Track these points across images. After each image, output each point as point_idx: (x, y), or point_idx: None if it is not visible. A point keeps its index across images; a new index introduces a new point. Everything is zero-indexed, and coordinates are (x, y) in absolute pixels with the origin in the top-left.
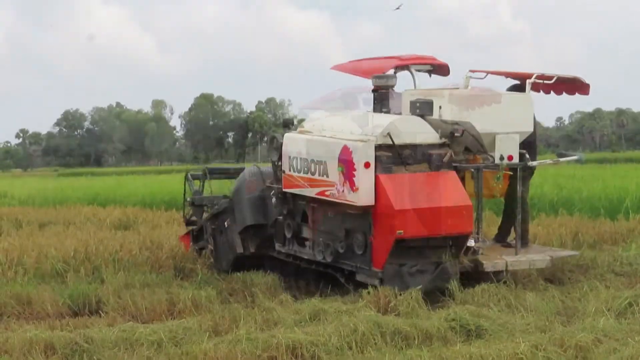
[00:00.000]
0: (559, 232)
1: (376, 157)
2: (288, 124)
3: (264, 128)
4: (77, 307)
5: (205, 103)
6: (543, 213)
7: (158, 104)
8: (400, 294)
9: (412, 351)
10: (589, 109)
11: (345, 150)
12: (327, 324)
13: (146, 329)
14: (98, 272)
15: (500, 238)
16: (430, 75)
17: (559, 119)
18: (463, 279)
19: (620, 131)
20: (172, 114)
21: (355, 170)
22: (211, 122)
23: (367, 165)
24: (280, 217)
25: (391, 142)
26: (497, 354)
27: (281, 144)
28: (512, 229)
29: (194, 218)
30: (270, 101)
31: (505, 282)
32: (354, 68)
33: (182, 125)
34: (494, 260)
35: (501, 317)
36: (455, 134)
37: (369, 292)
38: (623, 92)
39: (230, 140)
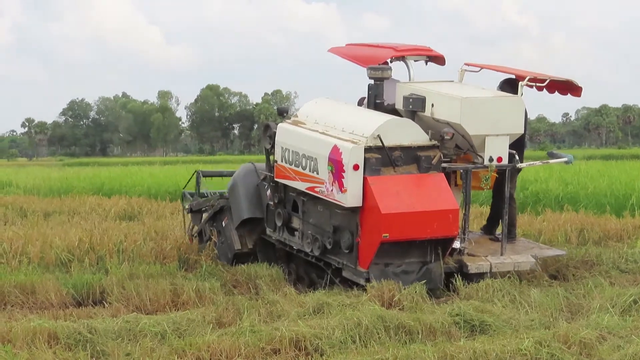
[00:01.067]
0: (564, 229)
1: (365, 159)
2: (282, 113)
3: (269, 120)
4: (81, 297)
5: (211, 94)
6: (549, 209)
7: (164, 95)
8: (405, 288)
9: (415, 346)
10: (596, 105)
11: (336, 150)
12: (331, 318)
13: (150, 320)
14: (102, 263)
15: (489, 230)
16: (426, 64)
17: (565, 114)
18: (448, 279)
19: (626, 128)
20: (178, 104)
21: (344, 171)
22: (217, 114)
23: (356, 167)
24: (271, 203)
25: (381, 144)
26: (501, 350)
27: (274, 133)
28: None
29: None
30: (276, 93)
31: (509, 278)
32: (351, 55)
33: (188, 117)
34: (478, 262)
35: (505, 313)
36: (445, 137)
37: (373, 286)
38: (629, 88)
39: (235, 132)
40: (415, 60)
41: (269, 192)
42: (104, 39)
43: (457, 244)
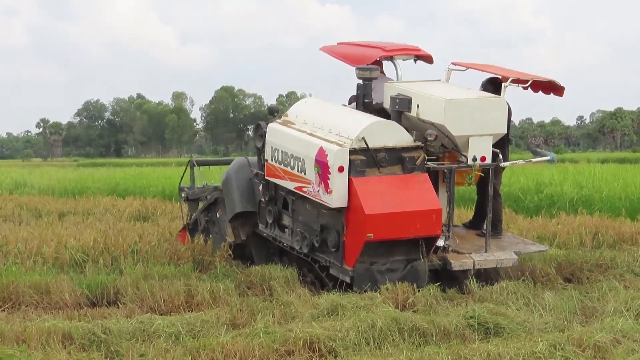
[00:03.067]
0: (579, 232)
1: (350, 161)
2: (273, 112)
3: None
4: (95, 297)
5: (226, 96)
6: (563, 212)
7: (179, 96)
8: (419, 290)
9: (429, 348)
10: (611, 108)
11: (322, 152)
12: (345, 319)
13: (164, 321)
14: (116, 263)
15: (475, 225)
16: (415, 62)
17: (580, 117)
18: (432, 277)
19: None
20: (192, 106)
21: (329, 173)
22: (231, 115)
23: (341, 169)
24: (263, 200)
25: (366, 146)
26: (515, 353)
27: (265, 132)
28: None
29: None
30: (291, 95)
31: (524, 280)
32: (341, 54)
33: (203, 118)
34: (462, 259)
35: (519, 316)
36: (428, 139)
37: (387, 288)
38: None
39: (250, 133)
40: (403, 60)
41: (261, 188)
42: (119, 39)
43: (441, 242)
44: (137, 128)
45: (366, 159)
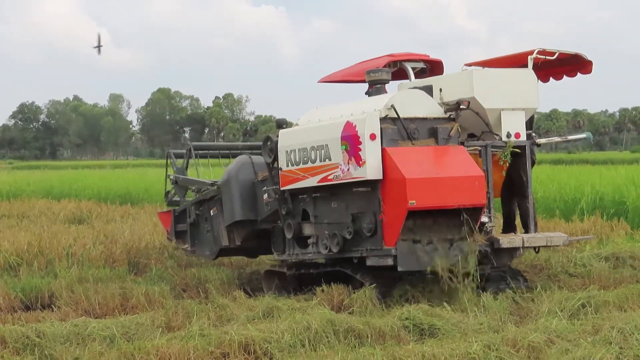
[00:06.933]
0: None
1: (382, 129)
2: (281, 125)
3: (221, 123)
4: (30, 301)
5: (163, 98)
6: (499, 213)
7: (115, 98)
8: (354, 292)
9: (365, 349)
10: (546, 109)
11: (349, 126)
12: (281, 321)
13: (99, 324)
14: (51, 266)
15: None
16: (424, 71)
17: None
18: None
19: (576, 132)
20: (129, 108)
21: (360, 143)
22: (168, 117)
23: (372, 136)
24: (278, 223)
25: (396, 115)
26: (450, 354)
27: (276, 143)
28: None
29: (176, 198)
30: (227, 97)
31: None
32: (344, 75)
33: (139, 120)
34: (510, 236)
35: (454, 317)
36: (462, 106)
37: (322, 290)
38: (579, 93)
39: (187, 135)
40: (412, 68)
41: (266, 195)
42: (53, 41)
43: (485, 219)
44: (72, 130)
45: (397, 129)
